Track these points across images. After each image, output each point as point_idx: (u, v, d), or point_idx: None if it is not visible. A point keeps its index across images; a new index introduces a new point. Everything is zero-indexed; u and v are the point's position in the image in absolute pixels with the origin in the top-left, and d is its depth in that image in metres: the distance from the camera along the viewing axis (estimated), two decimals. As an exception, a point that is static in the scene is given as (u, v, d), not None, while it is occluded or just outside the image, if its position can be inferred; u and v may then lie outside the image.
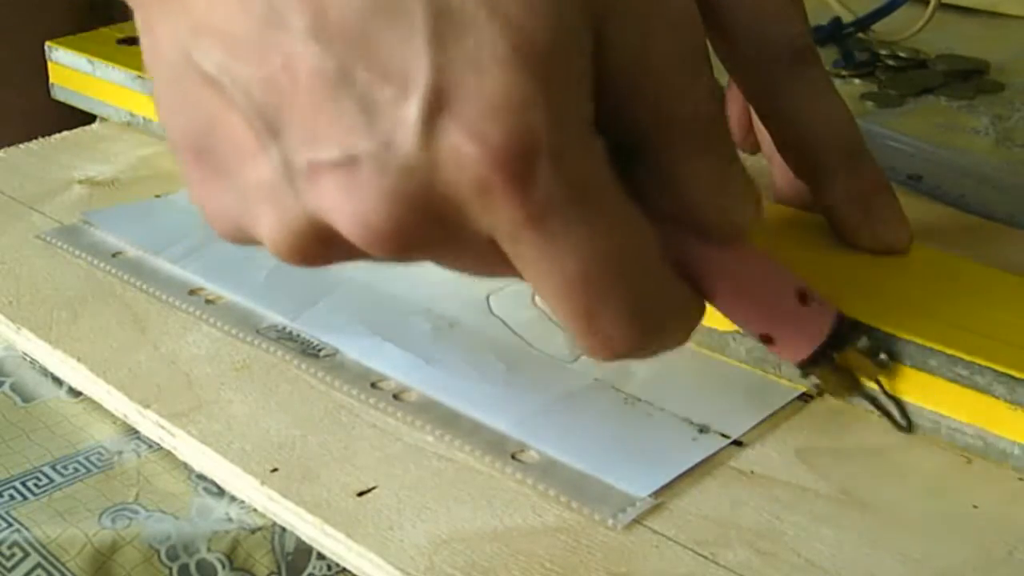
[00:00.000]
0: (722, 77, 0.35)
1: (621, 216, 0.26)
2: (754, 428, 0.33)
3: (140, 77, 0.50)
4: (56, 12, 0.63)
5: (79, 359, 0.36)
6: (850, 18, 0.62)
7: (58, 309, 0.39)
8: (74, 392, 0.37)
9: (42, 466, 0.34)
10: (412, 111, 0.24)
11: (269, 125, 0.25)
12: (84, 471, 0.33)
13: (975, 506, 0.30)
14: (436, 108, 0.24)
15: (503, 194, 0.24)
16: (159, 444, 0.34)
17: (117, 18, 0.56)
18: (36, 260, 0.42)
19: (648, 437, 0.33)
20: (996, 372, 0.31)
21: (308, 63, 0.24)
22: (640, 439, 0.33)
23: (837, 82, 0.39)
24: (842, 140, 0.36)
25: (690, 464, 0.31)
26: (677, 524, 0.30)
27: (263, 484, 0.31)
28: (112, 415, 0.35)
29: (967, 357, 0.31)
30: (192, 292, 0.40)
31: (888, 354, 0.32)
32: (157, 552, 0.31)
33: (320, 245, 0.27)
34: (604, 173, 0.26)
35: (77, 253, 0.42)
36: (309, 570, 0.31)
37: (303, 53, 0.24)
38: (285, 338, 0.37)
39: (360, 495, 0.31)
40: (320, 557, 0.31)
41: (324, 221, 0.26)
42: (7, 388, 0.37)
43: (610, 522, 0.30)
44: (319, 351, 0.36)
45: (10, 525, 0.31)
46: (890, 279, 0.35)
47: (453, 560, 0.29)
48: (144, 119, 0.52)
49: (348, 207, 0.25)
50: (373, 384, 0.35)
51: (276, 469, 0.32)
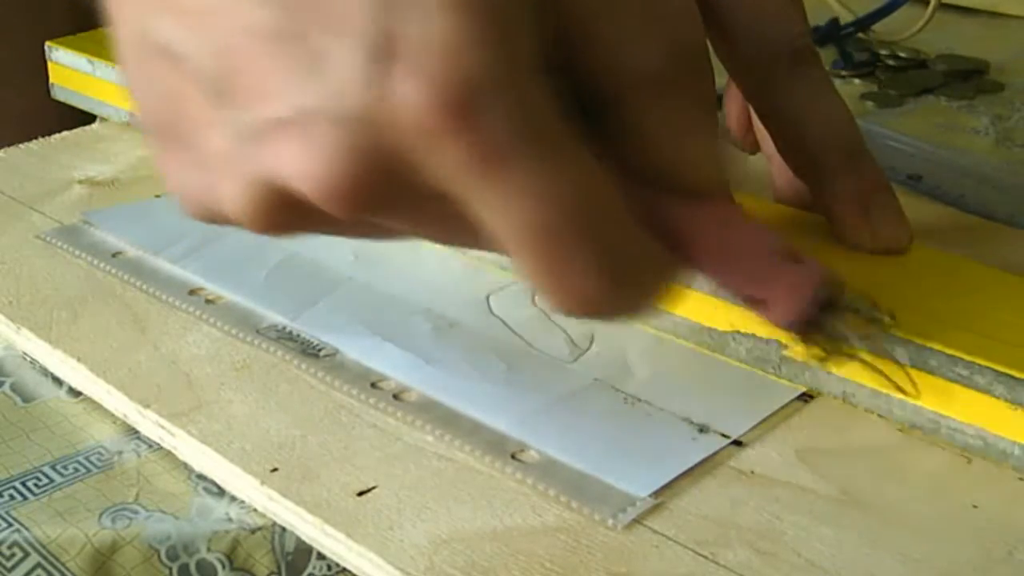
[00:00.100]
0: (722, 77, 0.35)
1: (576, 162, 0.26)
2: (754, 428, 0.33)
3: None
4: (56, 12, 0.63)
5: (79, 359, 0.36)
6: (850, 18, 0.62)
7: (58, 309, 0.39)
8: (74, 392, 0.37)
9: (42, 466, 0.34)
10: (359, 60, 0.24)
11: (221, 92, 0.25)
12: (84, 471, 0.33)
13: (975, 506, 0.30)
14: (383, 55, 0.24)
15: (446, 135, 0.24)
16: (159, 444, 0.34)
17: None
18: (36, 260, 0.42)
19: (648, 437, 0.33)
20: (996, 372, 0.31)
21: (256, 24, 0.24)
22: (640, 439, 0.33)
23: (837, 82, 0.39)
24: (842, 140, 0.36)
25: (690, 464, 0.31)
26: (677, 524, 0.30)
27: (263, 484, 0.31)
28: (112, 415, 0.35)
29: (967, 357, 0.31)
30: (192, 292, 0.40)
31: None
32: (157, 552, 0.31)
33: (284, 211, 0.26)
34: (553, 117, 0.25)
35: (77, 253, 0.42)
36: (309, 570, 0.31)
37: (250, 15, 0.25)
38: (285, 338, 0.37)
39: (360, 495, 0.31)
40: (320, 557, 0.31)
41: (283, 184, 0.26)
42: (7, 388, 0.37)
43: (610, 522, 0.30)
44: (319, 351, 0.36)
45: (10, 525, 0.31)
46: (890, 279, 0.35)
47: (453, 560, 0.29)
48: (144, 119, 0.52)
49: (302, 165, 0.25)
50: (373, 384, 0.35)
51: (276, 469, 0.32)
